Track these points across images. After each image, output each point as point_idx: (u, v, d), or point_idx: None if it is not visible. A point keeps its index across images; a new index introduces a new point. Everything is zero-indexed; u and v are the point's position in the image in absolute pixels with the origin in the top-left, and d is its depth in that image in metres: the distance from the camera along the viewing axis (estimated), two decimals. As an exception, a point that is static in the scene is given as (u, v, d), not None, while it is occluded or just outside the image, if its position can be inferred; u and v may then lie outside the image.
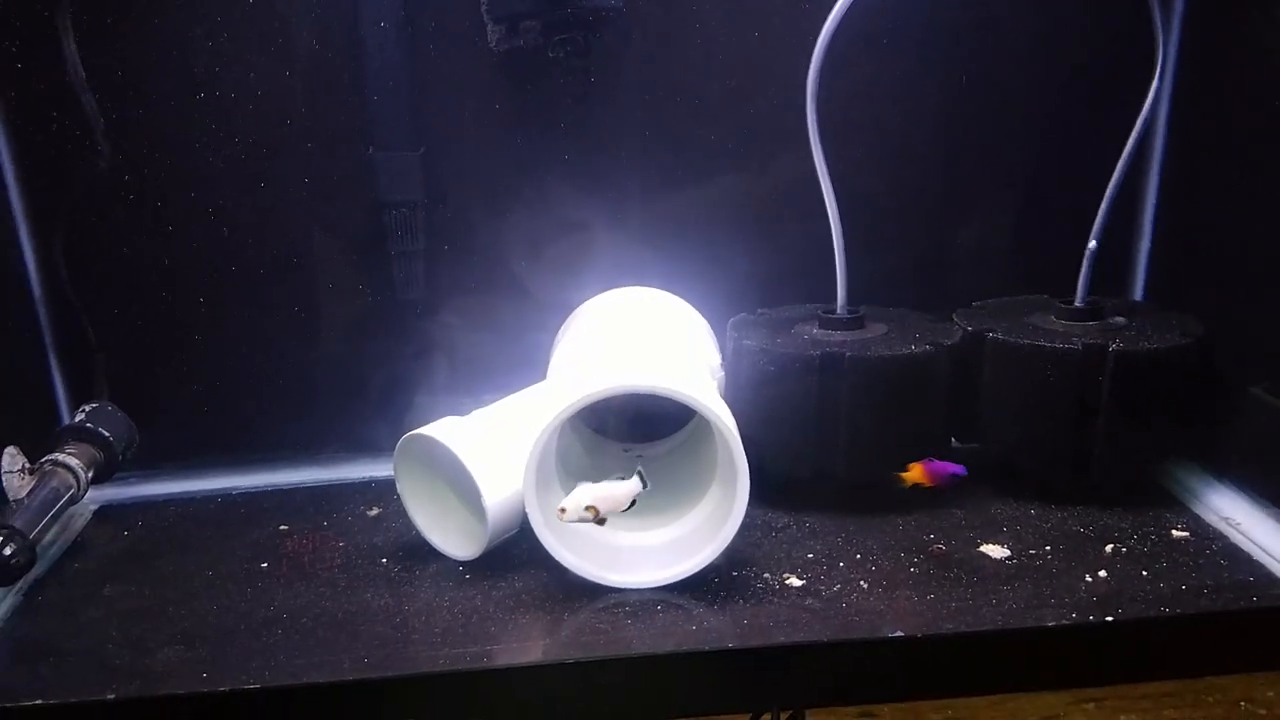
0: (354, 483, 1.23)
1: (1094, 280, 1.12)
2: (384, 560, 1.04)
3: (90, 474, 1.12)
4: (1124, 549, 0.99)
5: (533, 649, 0.89)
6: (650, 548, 0.98)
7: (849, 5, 1.02)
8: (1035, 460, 1.09)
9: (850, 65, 1.08)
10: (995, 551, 1.00)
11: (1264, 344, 1.08)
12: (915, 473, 1.01)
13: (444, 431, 1.00)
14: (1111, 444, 1.04)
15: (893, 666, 0.88)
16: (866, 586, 0.94)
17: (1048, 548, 1.00)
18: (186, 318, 1.22)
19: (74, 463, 1.10)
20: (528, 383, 1.13)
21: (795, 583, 0.96)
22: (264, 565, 1.04)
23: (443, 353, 1.24)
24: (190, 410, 1.25)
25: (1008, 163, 1.27)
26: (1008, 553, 1.00)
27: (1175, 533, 1.02)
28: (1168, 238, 1.25)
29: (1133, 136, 1.08)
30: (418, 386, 1.24)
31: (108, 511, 1.20)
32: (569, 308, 1.22)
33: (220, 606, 0.97)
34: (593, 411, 1.05)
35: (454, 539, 1.04)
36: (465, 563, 1.02)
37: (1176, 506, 1.08)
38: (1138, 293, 1.29)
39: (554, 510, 0.91)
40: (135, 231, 1.18)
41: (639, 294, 1.22)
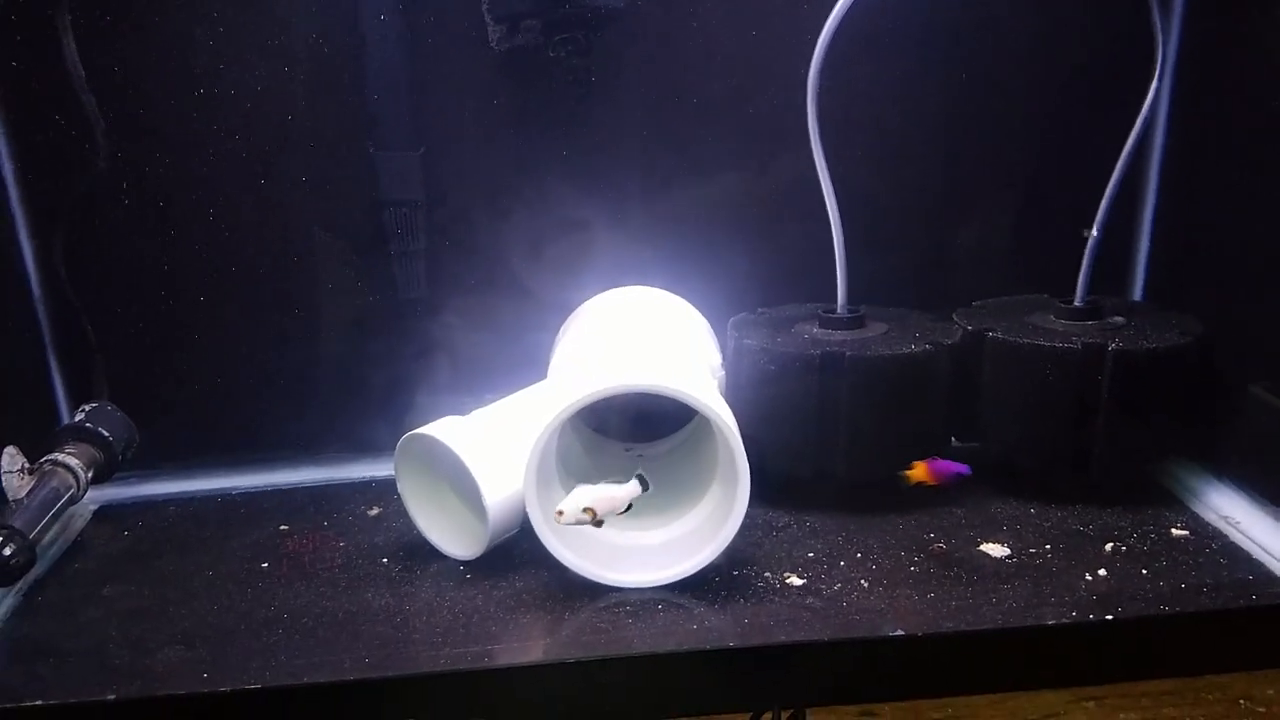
0: (354, 482, 1.23)
1: (1093, 280, 1.12)
2: (385, 560, 1.04)
3: (90, 474, 1.12)
4: (1124, 548, 1.00)
5: (534, 648, 0.89)
6: (651, 547, 0.98)
7: (849, 5, 1.02)
8: (1035, 459, 1.09)
9: (850, 65, 1.08)
10: (995, 550, 1.00)
11: (1263, 343, 1.08)
12: (919, 471, 1.01)
13: (445, 431, 1.00)
14: (1111, 443, 1.05)
15: (893, 665, 0.88)
16: (867, 585, 0.95)
17: (1048, 546, 1.00)
18: (186, 317, 1.22)
19: (74, 463, 1.10)
20: (528, 382, 1.13)
21: (796, 582, 0.96)
22: (264, 565, 1.04)
23: (443, 352, 1.24)
24: (190, 410, 1.25)
25: (1008, 162, 1.27)
26: (1008, 552, 1.00)
27: (1175, 531, 1.03)
28: (1167, 237, 1.26)
29: (1132, 136, 1.08)
30: (418, 386, 1.24)
31: (107, 511, 1.20)
32: (569, 307, 1.22)
33: (220, 606, 0.97)
34: (593, 411, 1.05)
35: (455, 538, 1.04)
36: (466, 562, 1.02)
37: (1176, 505, 1.08)
38: (1137, 292, 1.29)
39: (554, 511, 0.91)
40: (135, 231, 1.18)
41: (639, 293, 1.21)
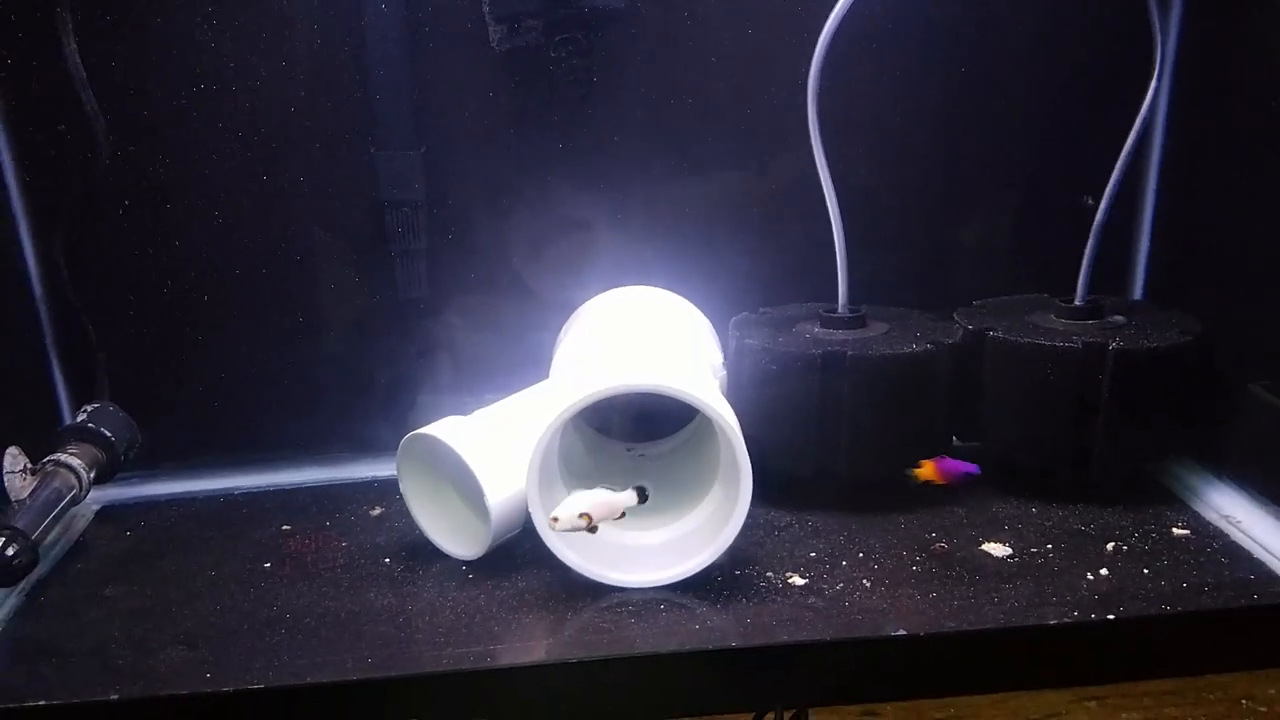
0: (357, 482, 1.22)
1: (1094, 279, 1.12)
2: (387, 560, 1.04)
3: (92, 474, 1.12)
4: (1125, 547, 1.00)
5: (536, 648, 0.89)
6: (653, 547, 0.98)
7: (850, 4, 1.02)
8: (1036, 458, 1.10)
9: (851, 64, 1.08)
10: (997, 550, 1.00)
11: (1263, 342, 1.08)
12: (927, 470, 1.01)
13: (447, 431, 1.00)
14: (1112, 442, 1.05)
15: (895, 665, 0.89)
16: (869, 585, 0.95)
17: (1049, 546, 1.00)
18: (188, 317, 1.22)
19: (76, 463, 1.10)
20: (530, 382, 1.13)
21: (798, 581, 0.96)
22: (267, 565, 1.04)
23: (445, 352, 1.24)
24: (192, 410, 1.25)
25: (1008, 162, 1.27)
26: (1009, 551, 1.00)
27: (1176, 531, 1.03)
28: (1167, 237, 1.26)
29: (1132, 135, 1.08)
30: (420, 386, 1.24)
31: (110, 512, 1.20)
32: (571, 307, 1.22)
33: (223, 606, 0.97)
34: (595, 411, 1.05)
35: (457, 538, 1.04)
36: (468, 562, 1.02)
37: (1177, 504, 1.08)
38: (1137, 292, 1.29)
39: (559, 507, 0.91)
40: (136, 230, 1.18)
41: (641, 293, 1.21)
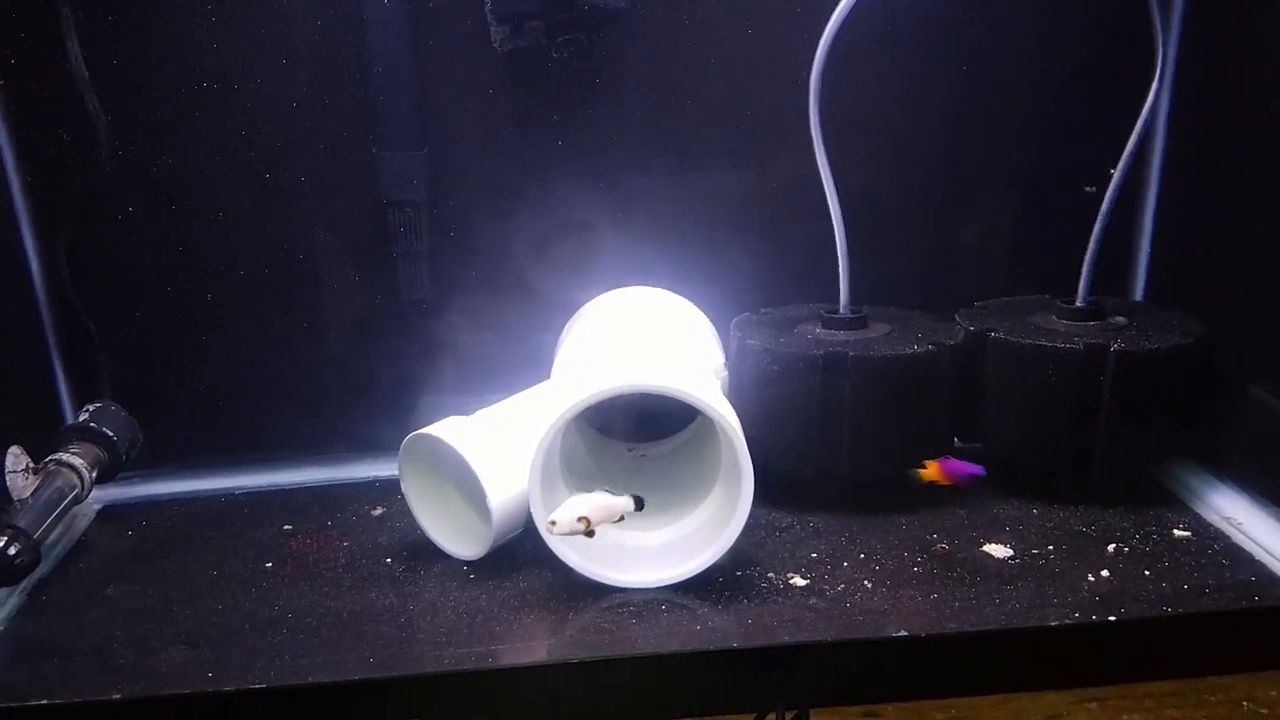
0: (358, 482, 1.23)
1: (1095, 280, 1.12)
2: (388, 560, 1.04)
3: (94, 474, 1.12)
4: (1126, 548, 1.00)
5: (537, 649, 0.89)
6: (654, 547, 0.98)
7: (852, 5, 1.03)
8: (1037, 460, 1.10)
9: (853, 65, 1.08)
10: (998, 551, 1.00)
11: (1265, 344, 1.08)
12: (932, 470, 1.01)
13: (448, 431, 1.00)
14: (1113, 443, 1.05)
15: (896, 666, 0.89)
16: (870, 586, 0.95)
17: (1050, 547, 1.00)
18: (190, 317, 1.22)
19: (78, 462, 1.10)
20: (532, 382, 1.13)
21: (799, 582, 0.96)
22: (268, 565, 1.04)
23: (447, 352, 1.24)
24: (194, 410, 1.25)
25: (1009, 163, 1.27)
26: (1010, 552, 1.00)
27: (1177, 532, 1.03)
28: (1168, 238, 1.26)
29: (1133, 137, 1.08)
30: (422, 386, 1.24)
31: (111, 511, 1.20)
32: (573, 307, 1.22)
33: (225, 606, 0.97)
34: (597, 411, 1.05)
35: (458, 538, 1.04)
36: (470, 562, 1.02)
37: (1178, 506, 1.08)
38: (1139, 293, 1.29)
39: (557, 511, 0.91)
40: (139, 231, 1.18)
41: (642, 293, 1.22)
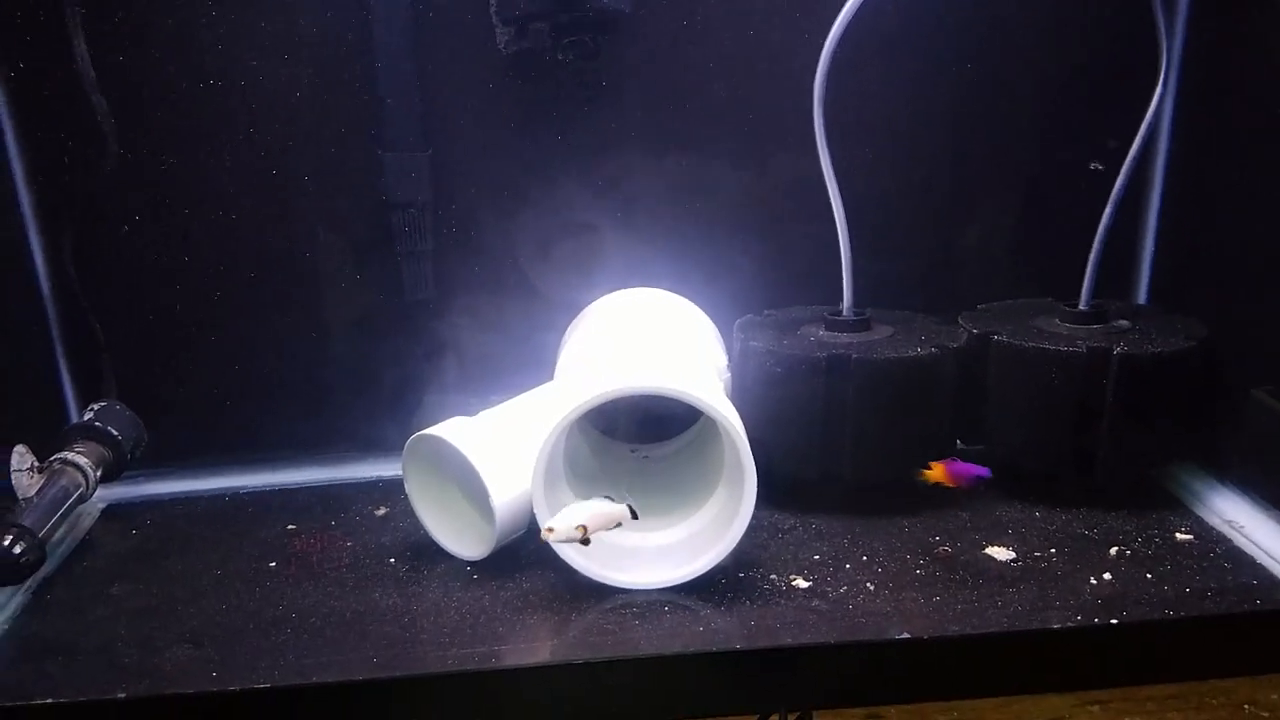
0: (362, 482, 1.23)
1: (1098, 283, 1.12)
2: (392, 560, 1.04)
3: (99, 473, 1.12)
4: (1128, 552, 1.00)
5: (540, 649, 0.89)
6: (657, 549, 0.99)
7: (856, 7, 1.03)
8: (1040, 462, 1.10)
9: (856, 68, 1.08)
10: (1000, 554, 1.00)
11: (1267, 347, 1.08)
12: (937, 472, 1.01)
13: (452, 432, 1.00)
14: (1116, 446, 1.05)
15: (899, 668, 0.89)
16: (873, 588, 0.95)
17: (1052, 550, 1.01)
18: (195, 317, 1.22)
19: (82, 461, 1.10)
20: (535, 383, 1.13)
21: (802, 584, 0.96)
22: (272, 565, 1.05)
23: (451, 353, 1.25)
24: (198, 409, 1.25)
25: (1013, 166, 1.27)
26: (1013, 555, 1.00)
27: (1179, 536, 1.03)
28: (1171, 240, 1.26)
29: (1137, 139, 1.08)
30: (426, 386, 1.24)
31: (116, 510, 1.20)
32: (576, 308, 1.23)
33: (229, 606, 0.97)
34: (600, 412, 1.05)
35: (462, 539, 1.04)
36: (473, 563, 1.02)
37: (1180, 509, 1.09)
38: (1141, 296, 1.29)
39: (556, 518, 0.91)
40: (144, 230, 1.19)
41: (646, 295, 1.22)
